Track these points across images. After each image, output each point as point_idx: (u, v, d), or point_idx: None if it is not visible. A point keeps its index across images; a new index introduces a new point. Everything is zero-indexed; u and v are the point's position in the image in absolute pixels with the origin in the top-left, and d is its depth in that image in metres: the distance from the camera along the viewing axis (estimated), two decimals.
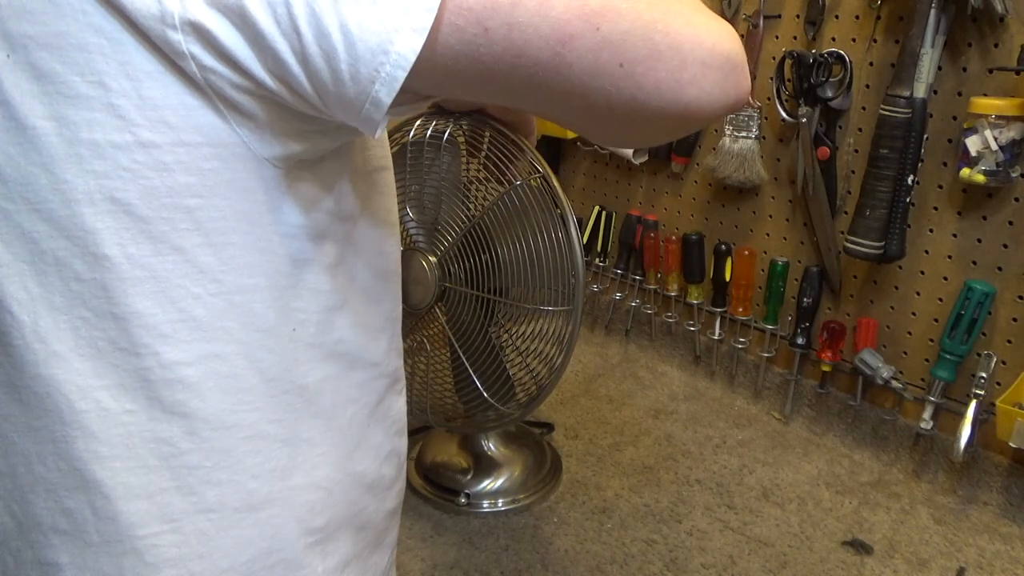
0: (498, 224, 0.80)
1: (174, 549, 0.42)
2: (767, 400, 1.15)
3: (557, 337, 0.82)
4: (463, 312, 0.84)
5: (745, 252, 1.12)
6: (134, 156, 0.38)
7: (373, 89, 0.37)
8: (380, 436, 0.53)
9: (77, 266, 0.39)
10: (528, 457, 1.00)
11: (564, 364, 0.83)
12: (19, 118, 0.37)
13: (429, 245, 0.85)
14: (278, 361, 0.44)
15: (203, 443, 0.42)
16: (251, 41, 0.36)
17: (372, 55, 0.36)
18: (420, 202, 0.85)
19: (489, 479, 0.96)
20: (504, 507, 0.93)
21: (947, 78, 0.89)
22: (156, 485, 0.41)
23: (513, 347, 0.87)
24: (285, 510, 0.45)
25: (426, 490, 0.95)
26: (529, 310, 0.83)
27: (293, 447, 0.46)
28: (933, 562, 0.85)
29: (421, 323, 0.90)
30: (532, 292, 0.81)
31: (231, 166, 0.40)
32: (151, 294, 0.40)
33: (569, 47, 0.37)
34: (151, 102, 0.37)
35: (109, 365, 0.40)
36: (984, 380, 0.90)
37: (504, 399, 0.87)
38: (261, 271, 0.43)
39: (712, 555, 0.85)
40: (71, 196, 0.38)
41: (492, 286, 0.82)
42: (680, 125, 0.45)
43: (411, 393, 0.93)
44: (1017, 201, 0.87)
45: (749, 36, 1.05)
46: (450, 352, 0.89)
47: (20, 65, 0.37)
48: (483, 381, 0.86)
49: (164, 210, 0.39)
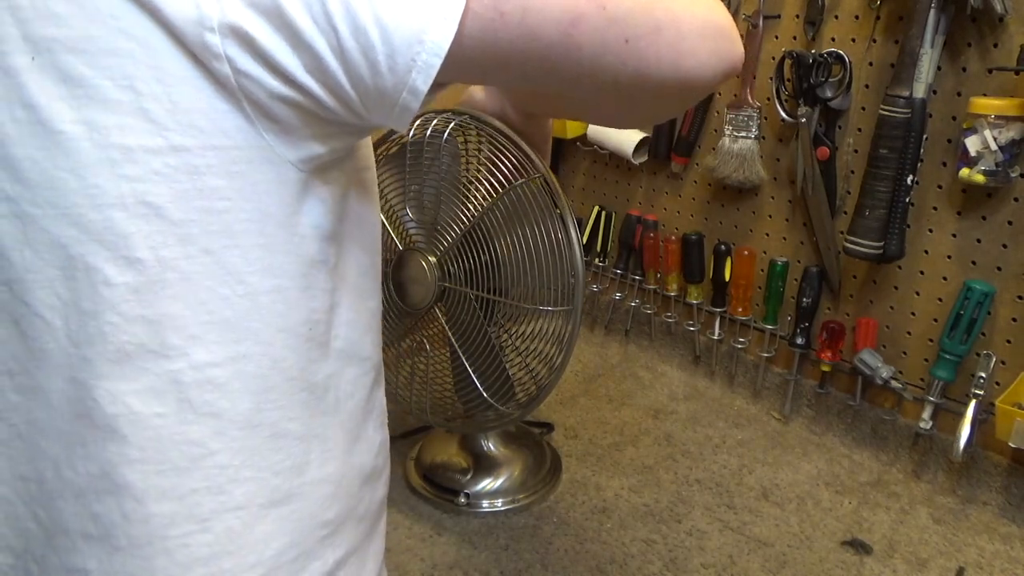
0: (498, 224, 0.80)
1: (205, 548, 0.42)
2: (767, 400, 1.15)
3: (557, 337, 0.82)
4: (463, 312, 0.84)
5: (745, 252, 1.12)
6: (166, 160, 0.38)
7: (410, 78, 0.38)
8: (372, 429, 0.54)
9: (108, 270, 0.39)
10: (528, 457, 1.00)
11: (564, 364, 0.83)
12: (45, 122, 0.37)
13: (429, 245, 0.85)
14: (297, 360, 0.45)
15: (232, 443, 0.43)
16: (289, 40, 0.37)
17: (408, 45, 0.37)
18: (420, 202, 0.85)
19: (489, 479, 0.96)
20: (504, 507, 0.93)
21: (947, 78, 0.89)
22: (187, 486, 0.42)
23: (513, 347, 0.87)
24: (304, 504, 0.46)
25: (426, 490, 0.95)
26: (529, 310, 0.83)
27: (307, 443, 0.47)
28: (932, 562, 0.85)
29: (421, 323, 0.90)
30: (532, 292, 0.81)
31: (258, 169, 0.40)
32: (182, 296, 0.40)
33: (578, 27, 0.40)
34: (182, 106, 0.38)
35: (139, 368, 0.40)
36: (983, 380, 0.90)
37: (503, 399, 0.87)
38: (284, 272, 0.43)
39: (712, 555, 0.85)
40: (102, 200, 0.38)
41: (492, 286, 0.82)
42: (680, 96, 0.48)
43: (411, 393, 0.93)
44: (1016, 201, 0.87)
45: (749, 36, 1.05)
46: (450, 352, 0.89)
47: (46, 68, 0.37)
48: (483, 381, 0.86)
49: (195, 212, 0.39)
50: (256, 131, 0.40)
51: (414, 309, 0.87)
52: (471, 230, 0.81)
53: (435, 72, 0.38)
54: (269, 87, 0.38)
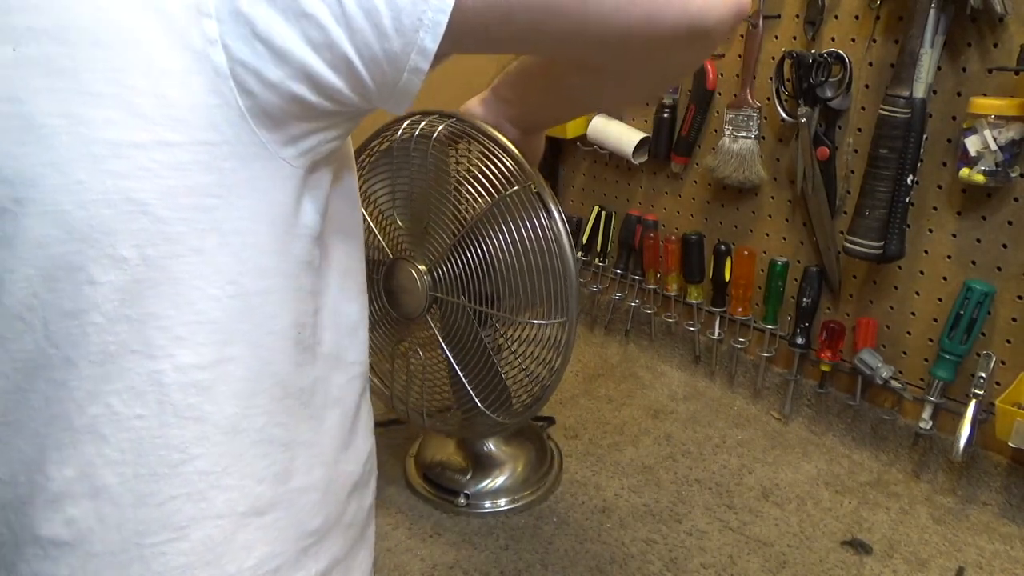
0: (489, 232, 0.78)
1: (182, 557, 0.41)
2: (766, 400, 1.15)
3: (554, 344, 0.81)
4: (456, 320, 0.83)
5: (745, 252, 1.12)
6: (153, 155, 0.37)
7: (418, 38, 0.38)
8: (361, 437, 0.54)
9: (91, 269, 0.37)
10: (530, 452, 1.00)
11: (563, 367, 0.82)
12: (27, 115, 0.35)
13: (419, 253, 0.84)
14: (285, 364, 0.44)
15: (214, 448, 0.41)
16: (290, 13, 0.36)
17: (413, 4, 0.37)
18: (408, 208, 0.83)
19: (488, 479, 0.96)
20: (506, 506, 0.93)
21: (946, 78, 0.89)
22: (166, 492, 0.40)
23: (509, 350, 0.86)
24: (287, 512, 0.45)
25: (426, 490, 0.95)
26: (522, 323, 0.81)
27: (293, 450, 0.45)
28: (932, 562, 0.85)
29: (414, 327, 0.89)
30: (525, 303, 0.79)
31: (249, 165, 0.39)
32: (168, 296, 0.39)
33: None
34: (171, 100, 0.36)
35: (120, 368, 0.39)
36: (983, 380, 0.90)
37: (499, 408, 0.86)
38: (277, 272, 0.42)
39: (712, 555, 0.85)
40: (86, 197, 0.36)
41: (484, 295, 0.80)
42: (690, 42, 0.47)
43: (407, 400, 0.93)
44: (1016, 201, 0.87)
45: (749, 36, 1.05)
46: (445, 360, 0.89)
47: (28, 60, 0.35)
48: (478, 389, 0.85)
49: (183, 210, 0.38)
50: (248, 126, 0.38)
51: (406, 318, 0.86)
52: (462, 238, 0.79)
53: (443, 29, 0.37)
54: (266, 75, 0.37)
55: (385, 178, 0.84)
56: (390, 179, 0.84)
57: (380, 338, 0.91)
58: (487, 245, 0.78)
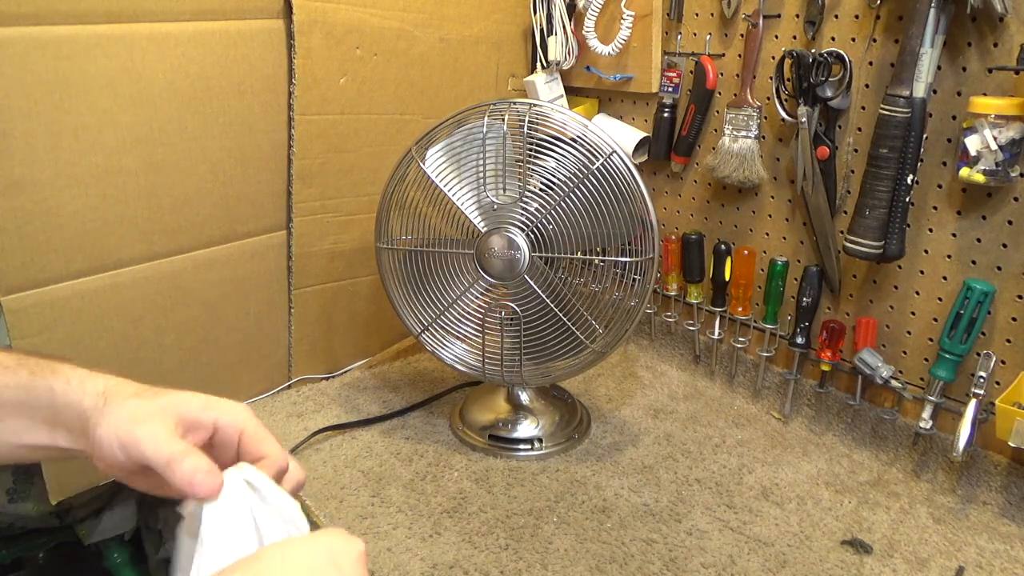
0: (579, 200, 0.92)
1: None
2: (766, 400, 1.15)
3: (641, 276, 0.96)
4: (552, 275, 0.97)
5: (745, 252, 1.12)
6: None
7: None
8: None
9: None
10: (562, 407, 1.12)
11: (646, 293, 0.96)
12: None
13: (515, 222, 0.95)
14: None
15: None
16: None
17: None
18: (495, 184, 0.96)
19: (536, 427, 1.07)
20: (548, 449, 1.05)
21: (947, 78, 0.89)
22: None
23: (601, 291, 0.98)
24: None
25: (490, 446, 1.05)
26: (608, 263, 0.97)
27: None
28: (932, 561, 0.85)
29: (510, 288, 0.99)
30: (613, 246, 0.95)
31: None
32: None
33: None
34: None
35: None
36: (983, 380, 0.90)
37: (595, 341, 0.98)
38: None
39: (711, 554, 0.85)
40: None
41: (581, 248, 0.95)
42: None
43: (503, 355, 1.02)
44: (1016, 201, 0.87)
45: (749, 35, 1.05)
46: (545, 309, 0.98)
47: None
48: (579, 328, 0.97)
49: None
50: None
51: (500, 279, 0.98)
52: (555, 207, 0.93)
53: None
54: None
55: (472, 162, 0.96)
56: (478, 162, 0.96)
57: (476, 302, 1.02)
58: (576, 209, 0.93)
